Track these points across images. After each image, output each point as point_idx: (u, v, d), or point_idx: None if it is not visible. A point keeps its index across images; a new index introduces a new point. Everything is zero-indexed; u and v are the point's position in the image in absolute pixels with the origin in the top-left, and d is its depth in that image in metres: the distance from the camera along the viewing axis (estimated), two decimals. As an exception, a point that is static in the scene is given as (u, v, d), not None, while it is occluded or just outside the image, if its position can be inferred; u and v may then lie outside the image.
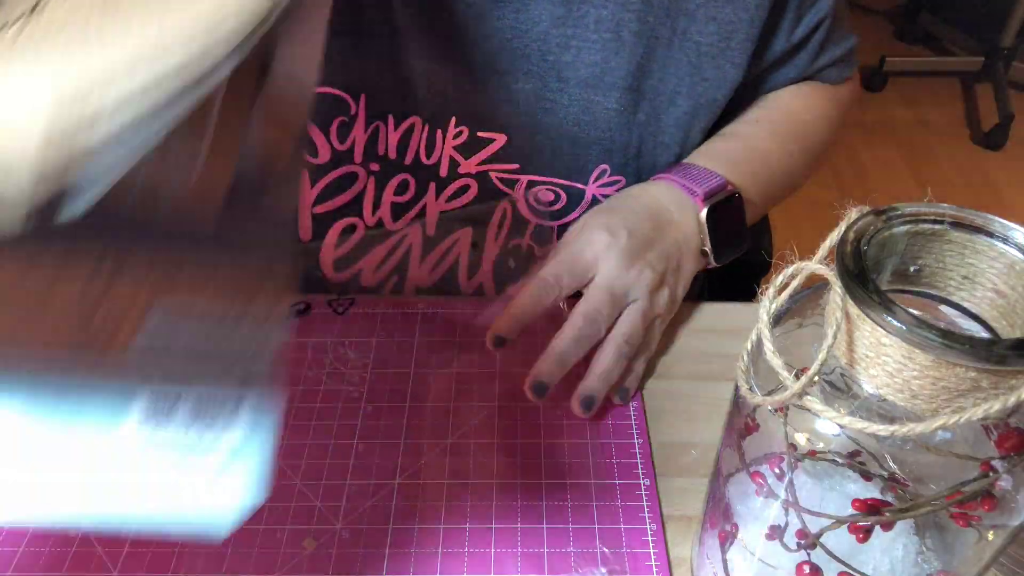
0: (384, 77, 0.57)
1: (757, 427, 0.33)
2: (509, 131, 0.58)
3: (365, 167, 0.60)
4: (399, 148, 0.60)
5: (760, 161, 0.61)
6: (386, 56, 0.56)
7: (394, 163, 0.60)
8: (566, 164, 0.60)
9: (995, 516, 0.29)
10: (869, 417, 0.29)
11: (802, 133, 0.65)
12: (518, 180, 0.60)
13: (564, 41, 0.55)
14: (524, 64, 0.56)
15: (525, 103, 0.57)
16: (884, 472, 0.30)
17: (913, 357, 0.27)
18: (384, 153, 0.60)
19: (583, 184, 0.61)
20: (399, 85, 0.57)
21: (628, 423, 0.50)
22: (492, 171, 0.60)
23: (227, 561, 0.42)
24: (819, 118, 0.67)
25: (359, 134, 0.58)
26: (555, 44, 0.55)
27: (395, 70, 0.56)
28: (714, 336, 0.56)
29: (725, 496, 0.37)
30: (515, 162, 0.59)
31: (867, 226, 0.30)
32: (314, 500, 0.45)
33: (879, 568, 0.33)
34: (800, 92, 0.67)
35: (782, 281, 0.32)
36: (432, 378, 0.52)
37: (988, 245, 0.30)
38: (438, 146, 0.60)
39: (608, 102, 0.57)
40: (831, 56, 0.66)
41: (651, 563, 0.42)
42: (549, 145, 0.59)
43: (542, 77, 0.56)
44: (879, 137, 2.23)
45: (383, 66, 0.56)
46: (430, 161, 0.60)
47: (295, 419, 0.50)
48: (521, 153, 0.59)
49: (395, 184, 0.61)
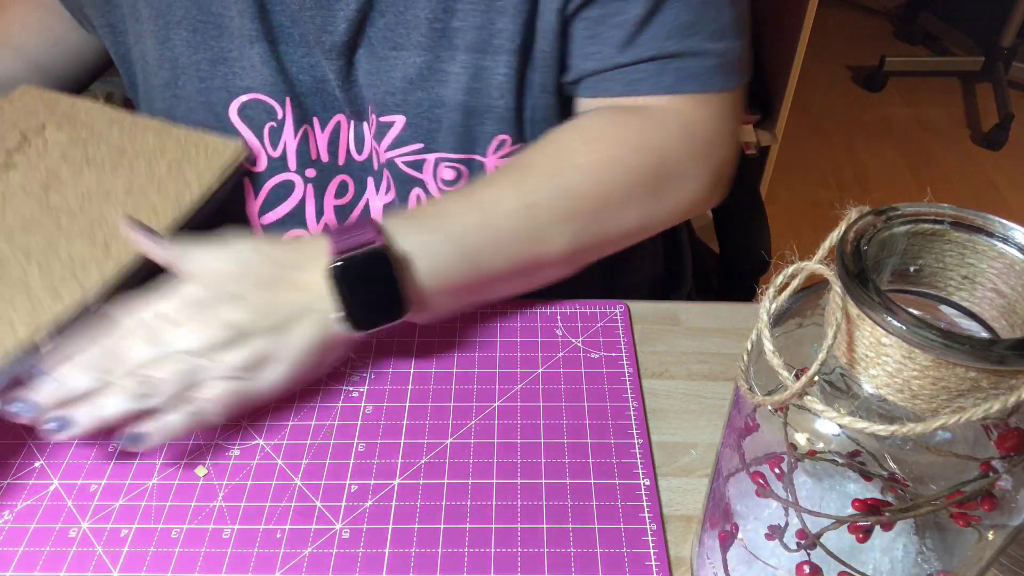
0: (302, 80, 0.57)
1: (757, 427, 0.33)
2: (407, 109, 0.56)
3: (301, 175, 0.60)
4: (330, 150, 0.60)
5: (475, 215, 0.50)
6: (299, 58, 0.56)
7: (328, 166, 0.60)
8: (464, 137, 0.57)
9: (995, 516, 0.29)
10: (869, 417, 0.29)
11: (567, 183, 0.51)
12: (424, 160, 0.58)
13: (450, 5, 0.53)
14: (416, 35, 0.54)
15: (419, 77, 0.55)
16: (884, 472, 0.30)
17: (913, 357, 0.27)
18: (317, 157, 0.60)
19: (482, 156, 0.58)
20: (317, 85, 0.57)
21: (628, 423, 0.50)
22: (396, 157, 0.58)
23: (227, 561, 0.42)
24: (606, 160, 0.52)
25: (289, 139, 0.58)
26: (442, 10, 0.53)
27: (311, 71, 0.57)
28: (714, 336, 0.56)
29: (725, 496, 0.37)
30: (418, 142, 0.58)
31: (867, 226, 0.30)
32: (314, 500, 0.45)
33: (879, 568, 0.33)
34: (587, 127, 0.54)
35: (782, 281, 0.32)
36: (432, 378, 0.52)
37: (988, 245, 0.30)
38: (367, 140, 0.59)
39: (498, 67, 0.55)
40: (660, 45, 0.53)
41: (651, 563, 0.42)
42: (447, 119, 0.56)
43: (432, 47, 0.55)
44: (879, 137, 2.23)
45: (299, 68, 0.56)
46: (362, 157, 0.60)
47: (295, 419, 0.50)
48: (421, 131, 0.57)
49: (334, 187, 0.61)
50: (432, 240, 0.48)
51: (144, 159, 0.57)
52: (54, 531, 0.44)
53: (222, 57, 0.56)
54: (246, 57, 0.56)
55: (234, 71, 0.57)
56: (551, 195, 0.51)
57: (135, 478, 0.46)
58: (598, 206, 0.52)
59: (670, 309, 0.58)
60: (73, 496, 0.46)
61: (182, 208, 0.54)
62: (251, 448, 0.48)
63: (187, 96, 0.58)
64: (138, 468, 0.47)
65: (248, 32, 0.55)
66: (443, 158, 0.58)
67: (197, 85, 0.57)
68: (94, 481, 0.46)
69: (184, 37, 0.56)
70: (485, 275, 0.50)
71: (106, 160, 0.57)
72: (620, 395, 0.51)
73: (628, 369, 0.53)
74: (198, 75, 0.57)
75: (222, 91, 0.57)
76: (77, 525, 0.44)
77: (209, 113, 0.58)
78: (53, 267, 0.49)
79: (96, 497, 0.45)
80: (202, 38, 0.56)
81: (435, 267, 0.48)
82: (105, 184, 0.55)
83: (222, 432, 0.49)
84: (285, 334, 0.46)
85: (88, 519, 0.44)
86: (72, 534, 0.44)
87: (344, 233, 0.46)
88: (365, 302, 0.46)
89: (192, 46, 0.56)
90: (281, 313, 0.46)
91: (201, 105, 0.58)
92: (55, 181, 0.55)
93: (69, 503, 0.45)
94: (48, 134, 0.59)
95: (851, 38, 2.67)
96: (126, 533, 0.44)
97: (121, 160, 0.57)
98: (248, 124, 0.58)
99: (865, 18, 2.79)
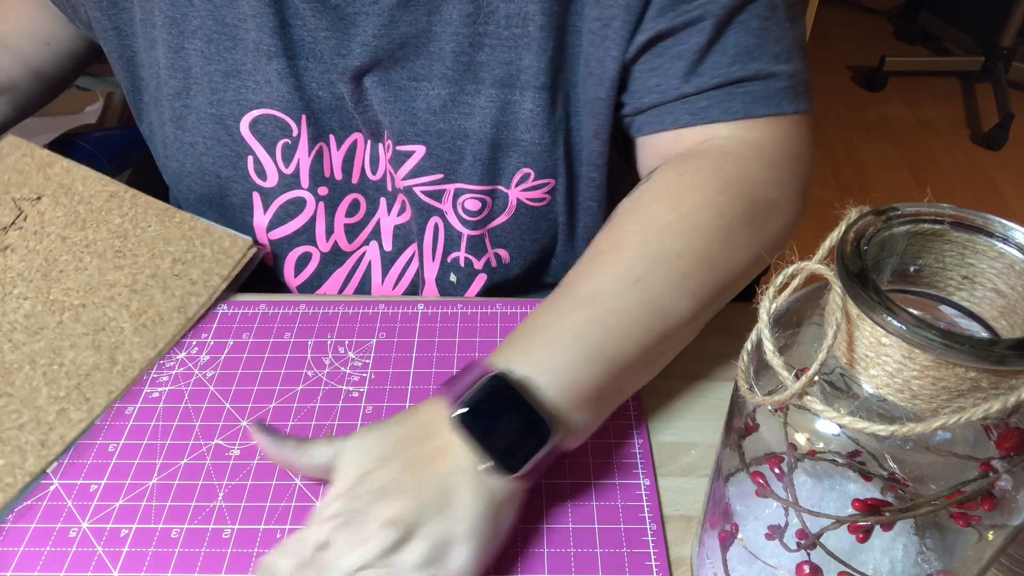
0: (320, 96, 0.56)
1: (757, 427, 0.33)
2: (428, 140, 0.56)
3: (313, 192, 0.59)
4: (344, 168, 0.59)
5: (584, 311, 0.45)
6: (320, 74, 0.56)
7: (341, 184, 0.60)
8: (489, 169, 0.57)
9: (995, 516, 0.29)
10: (869, 417, 0.29)
11: (664, 247, 0.47)
12: (444, 191, 0.58)
13: (477, 40, 0.53)
14: (440, 67, 0.54)
15: (443, 109, 0.55)
16: (884, 472, 0.30)
17: (913, 357, 0.27)
18: (331, 175, 0.59)
19: (506, 188, 0.58)
20: (336, 103, 0.57)
21: (628, 423, 0.50)
22: (415, 186, 0.58)
23: (227, 561, 0.42)
24: (693, 211, 0.48)
25: (303, 156, 0.58)
26: (468, 44, 0.53)
27: (330, 88, 0.56)
28: (714, 336, 0.56)
29: (725, 496, 0.37)
30: (438, 172, 0.57)
31: (867, 226, 0.30)
32: (314, 500, 0.45)
33: (879, 568, 0.33)
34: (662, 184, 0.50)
35: (782, 281, 0.32)
36: (432, 378, 0.52)
37: (988, 245, 0.30)
38: (382, 160, 0.59)
39: (525, 102, 0.55)
40: (724, 72, 0.51)
41: (651, 563, 0.42)
42: (470, 151, 0.56)
43: (457, 80, 0.54)
44: (879, 137, 2.23)
45: (319, 85, 0.56)
46: (376, 176, 0.60)
47: (295, 419, 0.50)
48: (442, 162, 0.57)
49: (346, 206, 0.61)
50: (544, 358, 0.43)
51: (147, 248, 0.56)
52: (54, 531, 0.44)
53: (235, 70, 0.56)
54: (261, 72, 0.55)
55: (247, 85, 0.56)
56: (652, 264, 0.46)
57: (135, 478, 0.46)
58: (703, 258, 0.47)
59: (670, 309, 0.58)
60: (73, 496, 0.45)
61: (189, 314, 0.54)
62: (251, 448, 0.48)
63: (197, 107, 0.57)
64: (138, 468, 0.47)
65: (266, 47, 0.54)
66: (464, 188, 0.58)
67: (209, 97, 0.57)
68: (94, 481, 0.46)
69: (198, 47, 0.56)
70: (617, 368, 0.44)
71: (108, 248, 0.56)
72: (620, 395, 0.51)
73: (628, 369, 0.53)
74: (210, 87, 0.56)
75: (234, 104, 0.57)
76: (77, 525, 0.44)
77: (219, 126, 0.57)
78: (60, 380, 0.50)
79: (96, 497, 0.45)
80: (216, 49, 0.55)
81: (560, 381, 0.42)
82: (107, 277, 0.54)
83: (222, 432, 0.49)
84: (450, 509, 0.40)
85: (88, 519, 0.44)
86: (72, 534, 0.44)
87: (454, 382, 0.43)
88: (503, 435, 0.41)
89: (206, 57, 0.56)
90: (434, 489, 0.40)
91: (211, 117, 0.57)
92: (55, 270, 0.55)
93: (69, 503, 0.45)
94: (44, 207, 0.58)
95: (851, 38, 2.67)
96: (126, 533, 0.44)
97: (123, 248, 0.56)
98: (260, 139, 0.57)
99: (865, 18, 2.79)
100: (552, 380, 0.42)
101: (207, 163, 0.59)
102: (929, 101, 2.38)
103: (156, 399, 0.51)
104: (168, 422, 0.49)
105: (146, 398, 0.51)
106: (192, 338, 0.55)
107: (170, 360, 0.53)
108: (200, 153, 0.59)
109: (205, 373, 0.53)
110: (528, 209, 0.59)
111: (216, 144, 0.58)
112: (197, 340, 0.55)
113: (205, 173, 0.59)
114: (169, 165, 0.62)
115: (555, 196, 0.59)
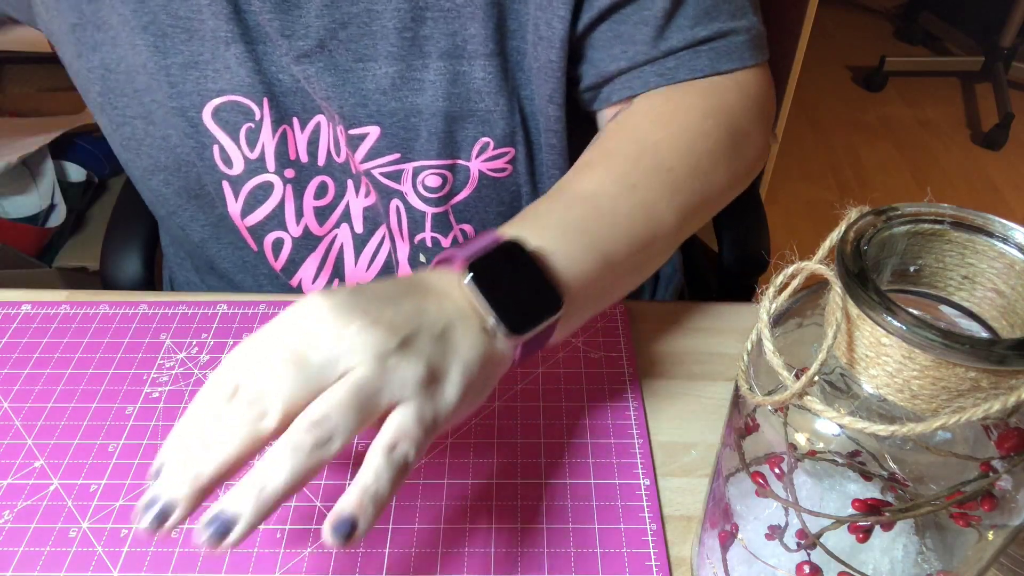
0: (281, 80, 0.56)
1: (757, 427, 0.33)
2: (382, 120, 0.56)
3: (280, 175, 0.59)
4: (309, 150, 0.59)
5: (583, 206, 0.47)
6: (278, 57, 0.56)
7: (307, 167, 0.60)
8: (447, 143, 0.57)
9: (995, 516, 0.29)
10: (869, 417, 0.29)
11: (657, 160, 0.50)
12: (402, 171, 0.58)
13: (418, 14, 0.53)
14: (384, 46, 0.54)
15: (392, 87, 0.55)
16: (884, 472, 0.30)
17: (913, 357, 0.27)
18: (296, 158, 0.59)
19: (466, 161, 0.58)
20: (296, 86, 0.57)
21: (628, 423, 0.50)
22: (373, 169, 0.58)
23: (227, 561, 0.42)
24: (683, 131, 0.52)
25: (267, 140, 0.58)
26: (410, 19, 0.53)
27: (289, 71, 0.56)
28: (714, 336, 0.56)
29: (725, 496, 0.37)
30: (394, 151, 0.57)
31: (867, 226, 0.30)
32: (314, 500, 0.45)
33: (879, 568, 0.33)
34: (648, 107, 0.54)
35: (782, 281, 0.32)
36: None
37: (988, 245, 0.30)
38: (343, 143, 0.59)
39: (475, 71, 0.55)
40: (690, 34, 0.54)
41: (651, 563, 0.42)
42: (425, 127, 0.56)
43: (404, 57, 0.54)
44: (879, 137, 2.23)
45: (278, 68, 0.56)
46: (341, 159, 0.60)
47: (295, 419, 0.50)
48: (398, 140, 0.57)
49: (313, 188, 0.60)
50: (553, 237, 0.43)
51: None
52: (54, 531, 0.44)
53: (193, 61, 0.55)
54: (220, 59, 0.55)
55: (206, 74, 0.56)
56: (647, 173, 0.49)
57: (135, 478, 0.46)
58: (692, 175, 0.51)
59: (669, 309, 0.58)
60: (73, 496, 0.46)
61: None
62: (251, 448, 0.48)
63: (160, 102, 0.57)
64: (138, 468, 0.47)
65: (223, 34, 0.54)
66: (424, 165, 0.58)
67: (167, 91, 0.56)
68: (94, 481, 0.46)
69: (150, 42, 0.55)
70: (609, 267, 0.45)
71: None
72: (620, 395, 0.51)
73: (628, 369, 0.53)
74: (168, 80, 0.56)
75: (194, 95, 0.56)
76: (77, 525, 0.44)
77: (182, 118, 0.57)
78: None
79: (96, 497, 0.45)
80: (171, 43, 0.55)
81: (565, 262, 0.43)
82: None
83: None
84: (449, 342, 0.37)
85: (88, 519, 0.44)
86: (72, 534, 0.44)
87: (465, 247, 0.41)
88: (514, 297, 0.40)
89: (161, 51, 0.55)
90: (435, 319, 0.37)
91: (173, 111, 0.57)
92: None
93: (69, 503, 0.45)
94: None
95: (851, 38, 2.67)
96: (126, 533, 0.44)
97: None
98: (223, 127, 0.57)
99: (865, 18, 2.79)
100: (559, 261, 0.43)
101: (181, 155, 0.59)
102: (929, 101, 2.38)
103: (156, 399, 0.51)
104: (168, 422, 0.49)
105: (146, 398, 0.51)
106: (192, 338, 0.55)
107: (170, 360, 0.53)
108: (174, 146, 0.58)
109: (205, 373, 0.53)
110: (490, 180, 0.59)
111: (184, 137, 0.58)
112: (197, 340, 0.55)
113: (181, 165, 0.59)
114: (138, 163, 0.61)
115: (516, 166, 0.59)
